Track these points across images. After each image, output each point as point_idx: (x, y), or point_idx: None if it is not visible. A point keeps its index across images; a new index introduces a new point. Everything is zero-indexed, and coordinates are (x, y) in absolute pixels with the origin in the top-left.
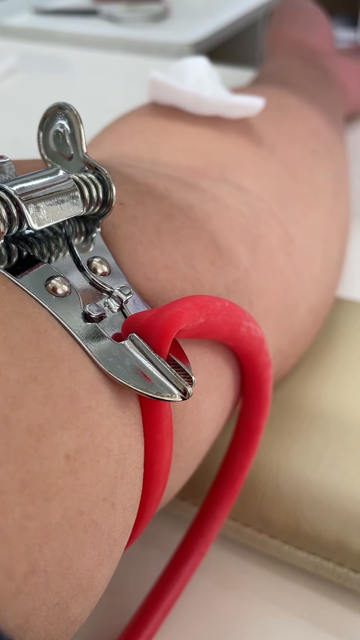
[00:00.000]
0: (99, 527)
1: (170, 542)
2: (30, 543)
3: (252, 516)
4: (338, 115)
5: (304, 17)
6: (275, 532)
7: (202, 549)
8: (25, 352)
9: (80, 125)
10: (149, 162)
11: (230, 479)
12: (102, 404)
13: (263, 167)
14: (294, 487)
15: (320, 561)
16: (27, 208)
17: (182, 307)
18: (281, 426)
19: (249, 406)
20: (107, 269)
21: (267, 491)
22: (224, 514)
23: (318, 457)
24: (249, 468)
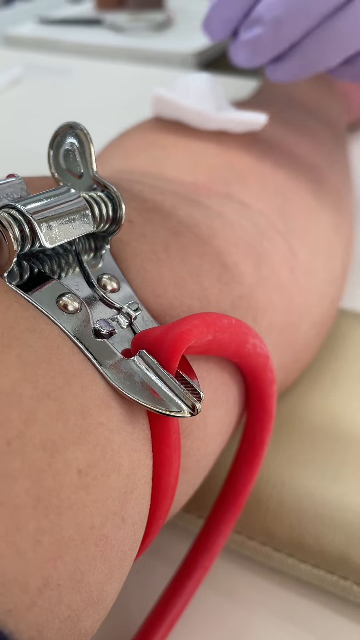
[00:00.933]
0: (110, 541)
1: (175, 555)
2: (44, 557)
3: (256, 529)
4: (340, 125)
5: None
6: (279, 545)
7: (207, 563)
8: (39, 368)
9: (90, 144)
10: (154, 178)
11: (235, 493)
12: (113, 419)
13: (266, 182)
14: (297, 500)
15: (324, 574)
16: (39, 227)
17: (190, 324)
18: (284, 440)
19: (254, 421)
20: (116, 285)
21: (271, 505)
22: (229, 528)
23: (321, 470)
24: (253, 482)
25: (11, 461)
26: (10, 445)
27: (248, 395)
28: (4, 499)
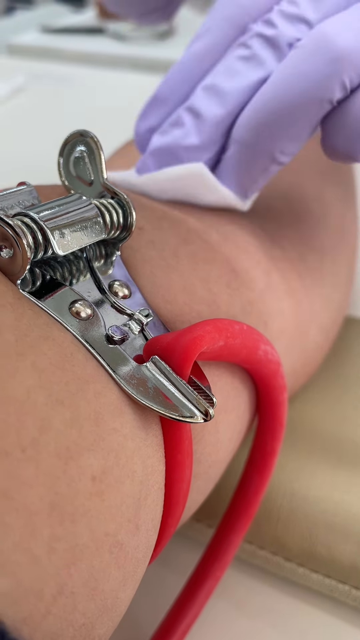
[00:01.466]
0: (124, 548)
1: (185, 565)
2: (59, 564)
3: (266, 539)
4: None
5: None
6: (290, 554)
7: (218, 573)
8: (53, 375)
9: (100, 151)
10: None
11: (245, 502)
12: (126, 425)
13: (273, 189)
14: (308, 509)
15: (335, 584)
16: (52, 234)
17: (203, 330)
18: (294, 448)
19: (264, 429)
20: (127, 291)
21: (282, 514)
22: (239, 537)
23: (332, 479)
24: (264, 491)
25: (26, 468)
26: (24, 453)
27: (259, 402)
28: (19, 505)
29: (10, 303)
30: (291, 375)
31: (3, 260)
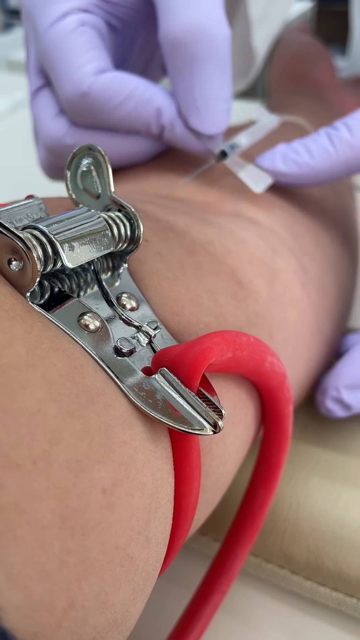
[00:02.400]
0: (134, 562)
1: (190, 578)
2: (70, 578)
3: (273, 552)
4: None
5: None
6: (297, 568)
7: (224, 587)
8: (63, 387)
9: (107, 165)
10: (165, 198)
11: (252, 515)
12: (136, 438)
13: (275, 203)
14: (314, 522)
15: (343, 597)
16: (61, 247)
17: (211, 341)
18: (298, 460)
19: (270, 442)
20: (135, 304)
21: (288, 527)
22: (246, 551)
23: (337, 492)
24: (270, 504)
25: (37, 481)
26: (35, 465)
27: (264, 414)
28: (30, 519)
29: (20, 315)
30: (296, 386)
31: (13, 273)
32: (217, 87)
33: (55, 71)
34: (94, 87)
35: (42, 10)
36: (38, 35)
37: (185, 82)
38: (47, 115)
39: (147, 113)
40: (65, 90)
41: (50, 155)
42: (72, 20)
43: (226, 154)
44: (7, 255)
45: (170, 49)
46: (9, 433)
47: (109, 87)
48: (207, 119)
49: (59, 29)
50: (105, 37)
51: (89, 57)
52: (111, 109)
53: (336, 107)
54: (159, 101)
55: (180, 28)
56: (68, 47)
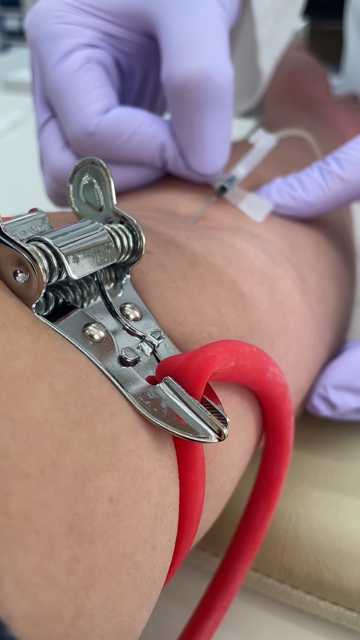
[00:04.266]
0: (141, 570)
1: (189, 594)
2: (78, 586)
3: (273, 567)
4: None
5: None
6: (297, 582)
7: (225, 603)
8: (69, 397)
9: (110, 178)
10: (167, 213)
11: (252, 529)
12: (141, 446)
13: (274, 217)
14: (314, 536)
15: (343, 611)
16: (66, 259)
17: (214, 350)
18: (297, 473)
19: (271, 454)
20: (138, 314)
21: (288, 541)
22: (247, 566)
23: (336, 504)
24: (270, 518)
25: (45, 489)
26: (43, 474)
27: (265, 426)
28: (39, 527)
29: (27, 327)
30: (297, 394)
31: (19, 285)
32: (216, 130)
33: (62, 109)
34: (100, 127)
35: (49, 46)
36: (45, 71)
37: (185, 124)
38: (53, 148)
39: (151, 149)
40: (71, 128)
41: (56, 184)
42: (79, 58)
43: (225, 188)
44: (12, 267)
45: (172, 93)
46: (17, 442)
47: (114, 126)
48: (205, 160)
49: (66, 67)
50: (112, 72)
51: (95, 95)
52: (117, 146)
53: (331, 123)
54: (163, 136)
55: (183, 74)
56: (74, 85)
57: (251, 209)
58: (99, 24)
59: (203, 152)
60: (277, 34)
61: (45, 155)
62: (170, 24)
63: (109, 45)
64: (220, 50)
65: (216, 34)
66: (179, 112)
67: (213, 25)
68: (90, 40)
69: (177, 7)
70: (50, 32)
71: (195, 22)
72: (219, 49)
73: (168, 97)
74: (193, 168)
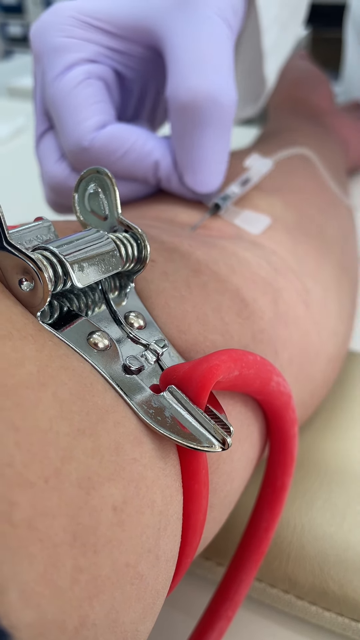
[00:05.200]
0: (144, 580)
1: (193, 603)
2: (81, 596)
3: (277, 577)
4: (341, 170)
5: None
6: (302, 592)
7: (230, 613)
8: (73, 405)
9: (115, 187)
10: (168, 222)
11: (256, 539)
12: (145, 455)
13: (276, 225)
14: (318, 546)
15: (348, 622)
16: (71, 267)
17: (218, 359)
18: (302, 482)
19: (275, 464)
20: (142, 322)
21: (292, 551)
22: (251, 576)
23: (341, 514)
24: (275, 528)
25: (49, 498)
26: (47, 483)
27: (269, 436)
28: (43, 536)
29: (32, 335)
30: (300, 406)
31: (24, 293)
32: (216, 150)
33: (59, 122)
34: (94, 142)
35: (52, 59)
36: (46, 83)
37: (185, 142)
38: (50, 159)
39: (145, 166)
40: (67, 142)
41: (54, 194)
42: (79, 72)
43: (219, 206)
44: (18, 275)
45: (175, 110)
46: (21, 451)
47: (109, 143)
48: (201, 180)
49: (66, 81)
50: (112, 86)
51: (92, 111)
52: (111, 162)
53: (334, 131)
54: (157, 154)
55: (188, 92)
56: (72, 100)
57: (247, 224)
58: (103, 38)
59: (201, 171)
60: (282, 42)
61: (42, 166)
62: (178, 41)
63: (111, 59)
64: (226, 71)
65: (223, 55)
66: (181, 129)
67: (220, 46)
68: (92, 55)
69: (185, 25)
70: (54, 44)
71: (203, 42)
72: (225, 71)
73: (171, 113)
74: (189, 186)
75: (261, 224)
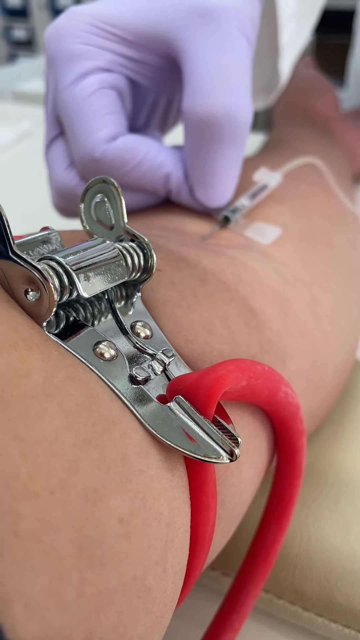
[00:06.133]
0: (152, 593)
1: (199, 614)
2: (88, 609)
3: (284, 588)
4: (347, 177)
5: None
6: (308, 604)
7: (237, 625)
8: (79, 416)
9: (121, 197)
10: (175, 232)
11: (264, 551)
12: (152, 466)
13: (285, 234)
14: (325, 557)
15: (355, 634)
16: (77, 277)
17: (226, 369)
18: (309, 493)
19: (283, 475)
20: (149, 332)
21: (299, 562)
22: (258, 588)
23: (348, 525)
24: (282, 539)
25: (54, 510)
26: (53, 495)
27: (277, 447)
28: (48, 548)
29: (37, 345)
30: (308, 417)
31: (30, 303)
32: (229, 167)
33: (71, 131)
34: (106, 154)
35: (66, 66)
36: (58, 89)
37: (199, 157)
38: (59, 166)
39: (155, 178)
40: (78, 152)
41: (61, 200)
42: (93, 82)
43: (229, 219)
44: (24, 285)
45: (191, 124)
46: (27, 462)
47: (121, 155)
48: (212, 194)
49: (79, 90)
50: (125, 95)
51: (104, 122)
52: (122, 174)
53: (340, 139)
54: (168, 167)
55: (206, 108)
56: (85, 110)
57: (258, 235)
58: (118, 46)
59: (213, 187)
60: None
61: (51, 173)
62: (197, 54)
63: (126, 68)
64: (245, 88)
65: (242, 71)
66: (195, 142)
67: (240, 62)
68: (107, 64)
69: (206, 38)
70: (69, 51)
71: (223, 57)
72: (243, 88)
73: (186, 126)
74: (200, 200)
75: (272, 234)
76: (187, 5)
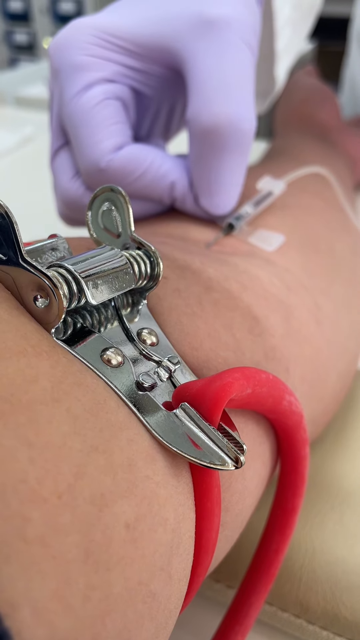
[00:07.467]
0: (157, 598)
1: (202, 626)
2: (94, 614)
3: (289, 601)
4: (349, 186)
5: (313, 93)
6: (313, 617)
7: (240, 637)
8: (87, 422)
9: (128, 205)
10: (180, 239)
11: (267, 562)
12: (158, 472)
13: (288, 241)
14: (330, 570)
15: None
16: (86, 285)
17: (231, 377)
18: (313, 504)
19: (286, 485)
20: (155, 339)
21: (303, 575)
22: (261, 599)
23: (353, 537)
24: (285, 550)
25: (62, 515)
26: (60, 499)
27: (280, 456)
28: (56, 553)
29: (46, 351)
30: (311, 424)
31: (39, 310)
32: (233, 175)
33: (76, 142)
34: (111, 164)
35: (70, 77)
36: (63, 100)
37: (204, 165)
38: (65, 175)
39: (160, 187)
40: (84, 162)
41: (66, 209)
42: (98, 93)
43: (233, 226)
44: (33, 292)
45: (196, 133)
46: (35, 467)
47: (126, 165)
48: (217, 202)
49: (84, 100)
50: (129, 105)
51: (109, 132)
52: (127, 183)
53: (341, 148)
54: (173, 176)
55: (210, 117)
56: (90, 120)
57: (262, 242)
58: (122, 57)
59: (217, 195)
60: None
61: (56, 182)
62: (202, 65)
63: (130, 78)
64: (249, 98)
65: (246, 81)
66: (200, 152)
67: (244, 72)
68: (111, 75)
69: (210, 48)
70: (74, 62)
71: (227, 67)
72: (248, 98)
73: (191, 135)
74: (204, 208)
75: (275, 241)
76: (191, 16)
